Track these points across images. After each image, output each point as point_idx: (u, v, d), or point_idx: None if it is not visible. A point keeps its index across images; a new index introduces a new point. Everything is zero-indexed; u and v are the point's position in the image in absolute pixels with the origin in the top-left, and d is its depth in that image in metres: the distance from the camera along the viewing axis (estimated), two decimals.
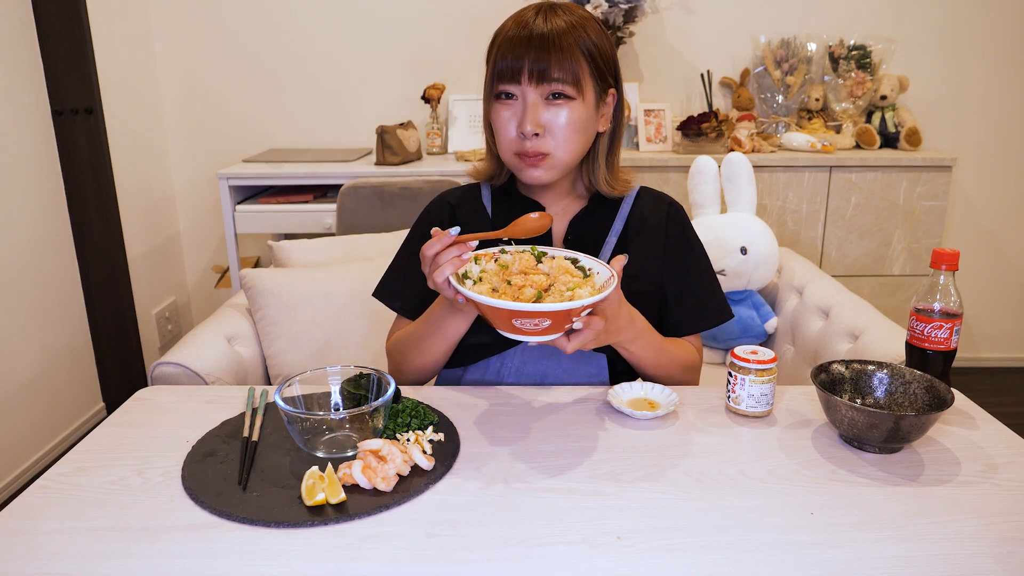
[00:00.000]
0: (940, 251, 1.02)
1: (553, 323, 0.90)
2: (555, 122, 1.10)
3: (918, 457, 0.95)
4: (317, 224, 2.54)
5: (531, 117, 1.08)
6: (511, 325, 0.90)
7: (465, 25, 2.85)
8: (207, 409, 1.07)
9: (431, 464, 0.91)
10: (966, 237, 3.05)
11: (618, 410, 1.05)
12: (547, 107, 1.09)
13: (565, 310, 0.88)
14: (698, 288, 1.22)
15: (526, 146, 1.10)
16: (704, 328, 1.22)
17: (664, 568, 0.75)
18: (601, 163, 1.19)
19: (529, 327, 0.90)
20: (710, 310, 1.21)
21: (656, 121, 2.74)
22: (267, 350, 1.65)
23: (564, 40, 1.07)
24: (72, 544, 0.78)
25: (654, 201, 1.25)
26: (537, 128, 1.09)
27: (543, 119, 1.09)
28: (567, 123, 1.10)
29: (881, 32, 2.77)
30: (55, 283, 2.43)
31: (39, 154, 2.36)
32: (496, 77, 1.10)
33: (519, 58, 1.07)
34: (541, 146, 1.10)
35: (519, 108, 1.10)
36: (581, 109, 1.10)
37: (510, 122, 1.11)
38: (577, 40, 1.08)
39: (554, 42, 1.07)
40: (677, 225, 1.23)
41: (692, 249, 1.23)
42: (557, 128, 1.10)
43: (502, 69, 1.09)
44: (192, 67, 2.91)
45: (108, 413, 2.43)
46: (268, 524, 0.80)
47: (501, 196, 1.26)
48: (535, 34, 1.07)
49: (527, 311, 0.87)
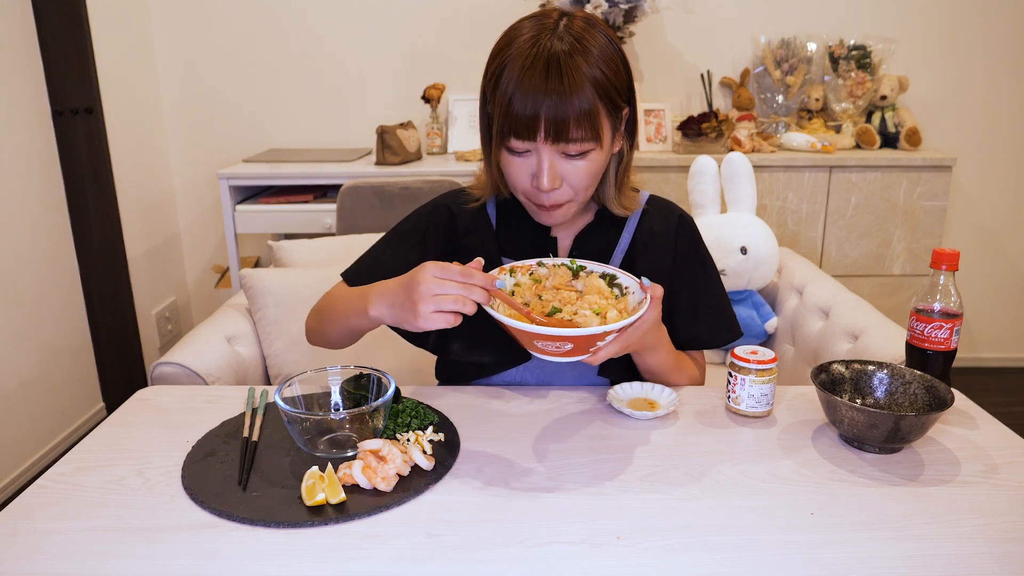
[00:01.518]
0: (940, 251, 1.02)
1: (575, 347, 0.87)
2: (574, 174, 1.03)
3: (918, 457, 0.95)
4: (317, 224, 2.54)
5: (549, 175, 1.01)
6: (534, 346, 0.88)
7: (465, 25, 2.85)
8: (207, 409, 1.07)
9: (431, 464, 0.91)
10: (966, 237, 3.05)
11: (618, 410, 1.05)
12: (565, 160, 1.02)
13: (587, 336, 0.85)
14: (710, 305, 1.18)
15: (543, 198, 1.04)
16: (713, 346, 1.19)
17: (664, 568, 0.75)
18: (611, 182, 1.12)
19: (551, 349, 0.87)
20: (721, 328, 1.19)
21: (656, 121, 2.74)
22: (267, 350, 1.65)
23: (582, 91, 0.97)
24: (72, 544, 0.78)
25: (663, 213, 1.19)
26: (555, 183, 1.02)
27: (561, 172, 1.02)
28: (586, 173, 1.03)
29: (881, 32, 2.77)
30: (55, 283, 2.43)
31: (39, 154, 2.36)
32: (508, 129, 1.00)
33: (534, 115, 0.97)
34: (559, 197, 1.04)
35: (533, 160, 1.02)
36: (598, 155, 1.03)
37: (523, 171, 1.04)
38: (593, 82, 0.98)
39: (570, 91, 0.96)
40: (687, 240, 1.19)
41: (704, 264, 1.20)
42: (575, 179, 1.03)
43: (516, 125, 0.99)
44: (192, 67, 2.91)
45: (108, 413, 2.43)
46: (268, 524, 0.80)
47: (506, 209, 1.19)
48: (551, 88, 0.96)
49: (548, 335, 0.85)
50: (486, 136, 1.10)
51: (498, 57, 1.02)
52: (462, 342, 1.15)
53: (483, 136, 1.11)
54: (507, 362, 1.16)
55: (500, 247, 1.17)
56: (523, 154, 1.03)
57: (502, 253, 1.17)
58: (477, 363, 1.16)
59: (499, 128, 1.02)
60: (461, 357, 1.16)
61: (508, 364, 1.16)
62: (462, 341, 1.15)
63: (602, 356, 0.92)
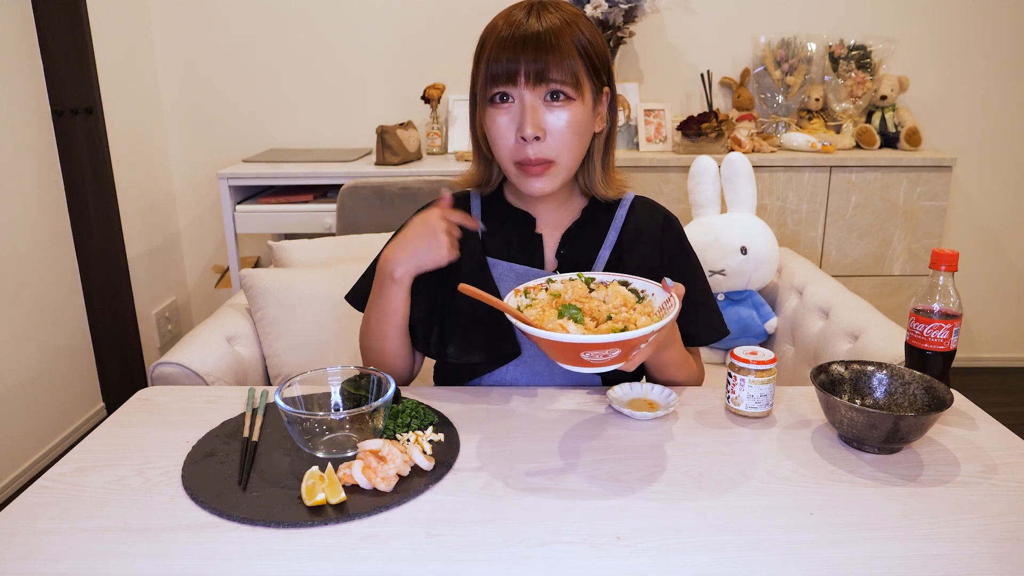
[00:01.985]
0: (939, 252, 1.02)
1: (623, 352, 0.87)
2: (556, 125, 1.04)
3: (917, 457, 0.95)
4: (317, 224, 2.54)
5: (531, 119, 1.02)
6: (578, 358, 0.87)
7: (465, 25, 2.85)
8: (207, 409, 1.07)
9: (431, 464, 0.91)
10: (966, 237, 3.05)
11: (618, 411, 1.05)
12: (547, 109, 1.04)
13: (636, 338, 0.85)
14: (698, 302, 1.18)
15: (528, 152, 1.04)
16: (704, 344, 1.20)
17: (664, 568, 0.75)
18: (597, 164, 1.14)
19: (598, 358, 0.86)
20: (711, 325, 1.19)
21: (656, 121, 2.74)
22: (267, 350, 1.65)
23: (560, 39, 1.02)
24: (72, 544, 0.78)
25: (649, 211, 1.21)
26: (538, 131, 1.03)
27: (544, 121, 1.04)
28: (568, 125, 1.04)
29: (881, 32, 2.77)
30: (55, 283, 2.43)
31: (39, 154, 2.36)
32: (490, 79, 1.04)
33: (514, 59, 1.02)
34: (544, 152, 1.05)
35: (516, 111, 1.04)
36: (581, 110, 1.05)
37: (508, 127, 1.05)
38: (573, 38, 1.03)
39: (550, 41, 1.01)
40: (673, 238, 1.20)
41: (691, 263, 1.21)
42: (559, 131, 1.04)
43: (496, 71, 1.03)
44: (192, 67, 2.91)
45: (108, 413, 2.44)
46: (268, 524, 0.80)
47: (490, 205, 1.21)
48: (530, 33, 1.02)
49: (598, 343, 0.84)
50: (473, 116, 1.14)
51: (483, 32, 1.09)
52: (456, 344, 1.16)
53: (471, 120, 1.15)
54: (496, 359, 1.16)
55: (485, 247, 1.18)
56: (506, 106, 1.05)
57: (486, 252, 1.17)
58: (470, 364, 1.17)
59: (482, 84, 1.06)
60: (456, 359, 1.16)
61: (498, 362, 1.16)
62: (456, 343, 1.16)
63: (637, 361, 0.92)
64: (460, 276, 1.12)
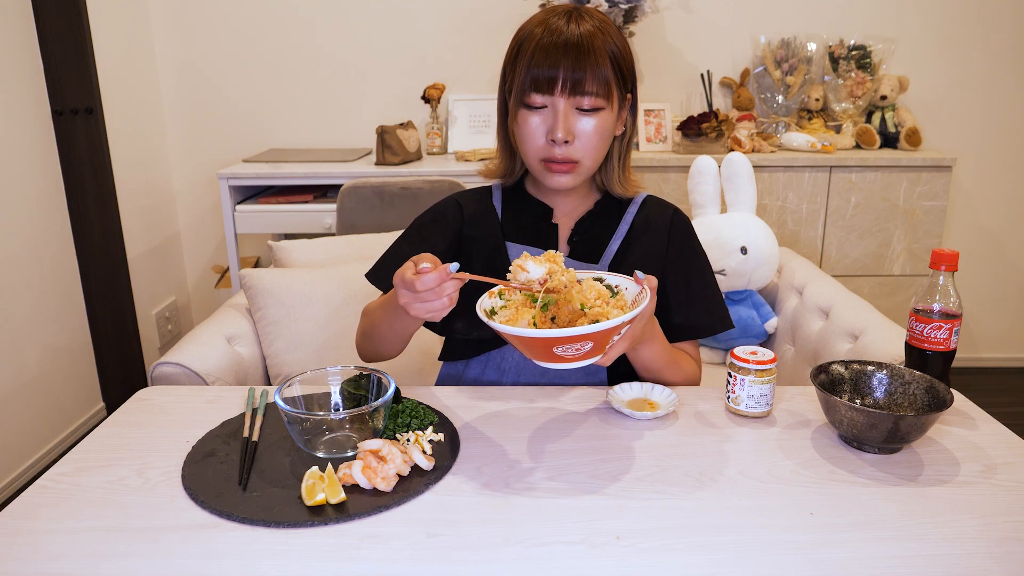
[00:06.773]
0: (939, 252, 1.03)
1: (595, 345, 0.87)
2: (585, 130, 1.10)
3: (917, 457, 0.95)
4: (317, 224, 2.54)
5: (564, 126, 1.09)
6: (551, 353, 0.87)
7: (466, 25, 2.85)
8: (207, 409, 1.07)
9: (431, 464, 0.91)
10: (966, 237, 3.05)
11: (618, 410, 1.05)
12: (578, 116, 1.10)
13: (607, 330, 0.85)
14: (702, 295, 1.21)
15: (555, 153, 1.11)
16: (704, 335, 1.22)
17: (664, 568, 0.75)
18: (616, 164, 1.21)
19: (571, 352, 0.87)
20: (714, 317, 1.21)
21: (656, 121, 2.74)
22: (267, 350, 1.65)
23: (597, 49, 1.07)
24: (72, 544, 0.78)
25: (659, 208, 1.26)
26: (568, 136, 1.09)
27: (574, 127, 1.10)
28: (596, 131, 1.11)
29: (881, 32, 2.77)
30: (55, 283, 2.43)
31: (39, 154, 2.36)
32: (530, 85, 1.09)
33: (554, 67, 1.07)
34: (571, 153, 1.11)
35: (548, 115, 1.10)
36: (609, 116, 1.12)
37: (539, 128, 1.11)
38: (607, 47, 1.09)
39: (588, 51, 1.07)
40: (681, 231, 1.24)
41: (697, 255, 1.24)
42: (586, 136, 1.11)
43: (537, 76, 1.08)
44: (192, 67, 2.91)
45: (108, 413, 2.44)
46: (268, 524, 0.80)
47: (511, 197, 1.27)
48: (571, 41, 1.07)
49: (570, 336, 0.84)
50: (502, 111, 1.18)
51: (519, 34, 1.14)
52: (465, 320, 1.18)
53: (499, 114, 1.20)
54: None
55: (504, 232, 1.23)
56: (540, 110, 1.10)
57: (506, 238, 1.22)
58: (480, 340, 1.19)
59: (519, 87, 1.10)
60: (464, 335, 1.20)
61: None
62: (465, 319, 1.18)
63: (613, 355, 0.94)
64: (478, 256, 1.20)
